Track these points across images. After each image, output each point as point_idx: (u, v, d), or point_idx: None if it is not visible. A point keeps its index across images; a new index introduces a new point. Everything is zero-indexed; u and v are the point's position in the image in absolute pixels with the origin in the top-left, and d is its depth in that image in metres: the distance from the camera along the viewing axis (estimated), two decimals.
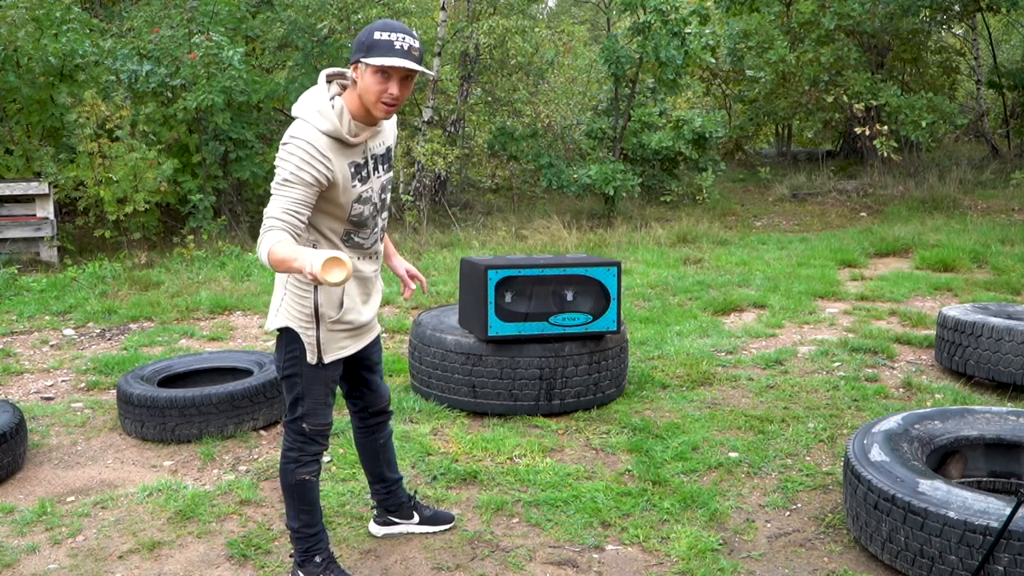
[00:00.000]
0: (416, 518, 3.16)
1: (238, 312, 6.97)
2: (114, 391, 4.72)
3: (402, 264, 3.01)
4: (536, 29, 12.84)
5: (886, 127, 12.79)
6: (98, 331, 6.41)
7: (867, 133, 12.64)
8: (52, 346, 6.01)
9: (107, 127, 9.28)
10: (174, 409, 4.02)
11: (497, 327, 4.17)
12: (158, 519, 3.31)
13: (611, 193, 11.40)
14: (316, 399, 2.66)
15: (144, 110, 9.85)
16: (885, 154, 12.77)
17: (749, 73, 15.78)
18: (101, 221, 9.55)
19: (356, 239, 2.60)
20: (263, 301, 7.21)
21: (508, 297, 4.23)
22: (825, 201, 13.11)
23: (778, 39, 14.03)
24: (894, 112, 12.96)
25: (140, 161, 9.16)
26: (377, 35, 2.35)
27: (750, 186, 14.92)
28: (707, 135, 12.56)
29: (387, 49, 2.33)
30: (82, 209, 9.64)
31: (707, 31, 12.05)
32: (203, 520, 3.29)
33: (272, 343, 6.02)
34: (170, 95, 10.35)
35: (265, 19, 12.10)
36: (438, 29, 12.30)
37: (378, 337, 2.90)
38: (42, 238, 9.27)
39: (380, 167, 2.61)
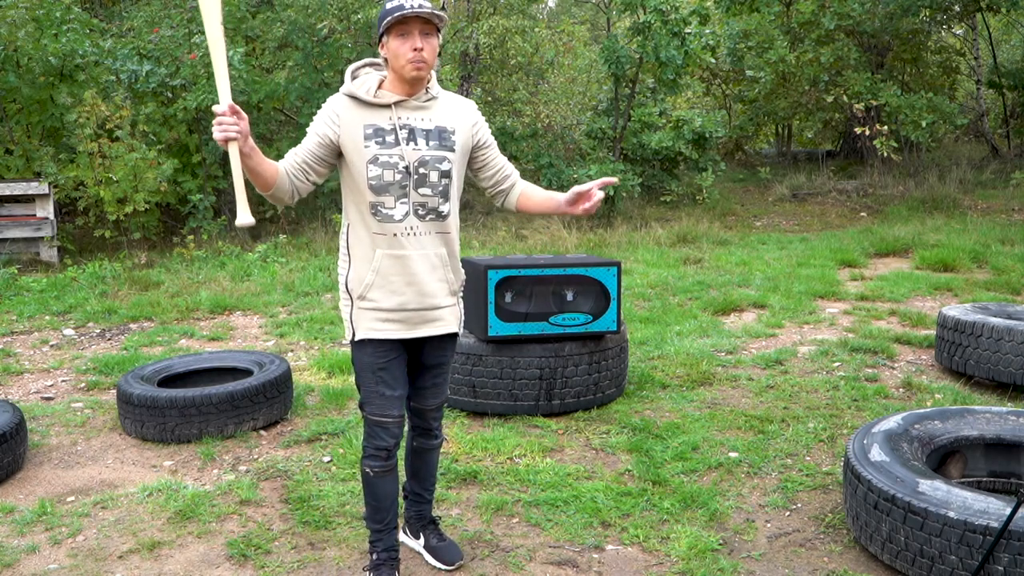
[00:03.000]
0: (422, 540, 3.01)
1: (238, 312, 6.97)
2: (114, 391, 4.73)
3: (569, 193, 2.72)
4: (536, 29, 12.84)
5: (886, 127, 12.80)
6: (98, 331, 6.41)
7: (867, 133, 12.65)
8: (52, 346, 6.01)
9: (107, 127, 9.28)
10: (174, 409, 4.02)
11: (497, 327, 4.17)
12: (158, 519, 3.31)
13: (611, 193, 11.41)
14: (367, 386, 2.66)
15: (144, 110, 9.86)
16: (885, 154, 12.77)
17: (749, 73, 15.78)
18: (101, 221, 9.55)
19: (384, 211, 2.57)
20: (263, 301, 7.22)
21: (508, 297, 4.23)
22: (825, 201, 13.11)
23: (778, 39, 14.03)
24: (894, 112, 12.97)
25: (140, 161, 9.16)
26: (388, 4, 2.50)
27: (750, 186, 14.92)
28: (707, 135, 12.56)
29: (398, 9, 2.46)
30: (82, 209, 9.65)
31: (707, 31, 12.05)
32: (203, 520, 3.29)
33: (271, 344, 6.03)
34: (170, 95, 10.35)
35: (265, 19, 12.10)
36: None
37: (446, 338, 2.76)
38: (42, 238, 9.28)
39: (420, 140, 2.58)
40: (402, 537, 3.05)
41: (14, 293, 7.60)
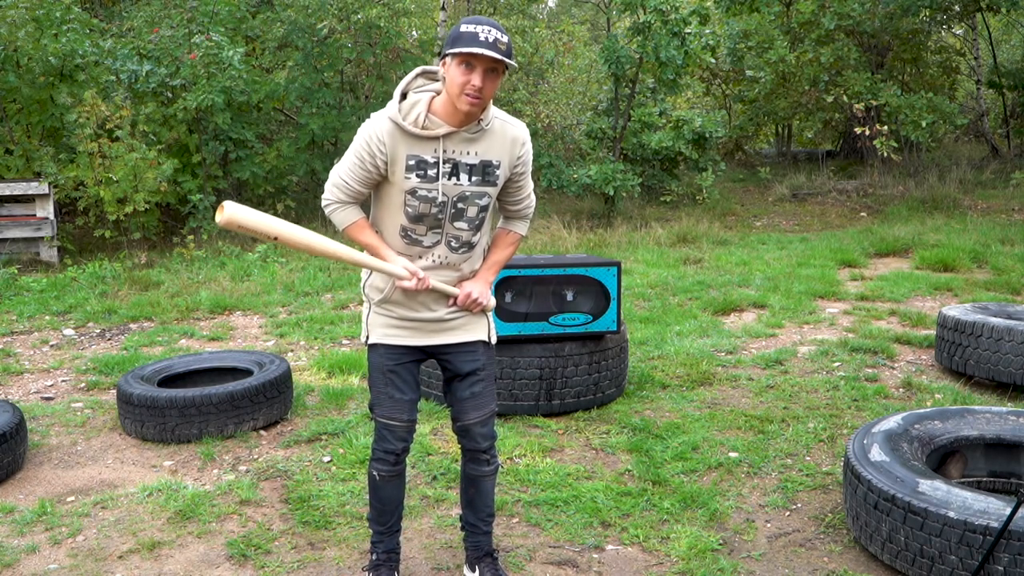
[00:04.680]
0: (477, 574, 2.83)
1: (238, 312, 6.97)
2: (114, 391, 4.72)
3: (471, 285, 2.66)
4: (536, 29, 12.84)
5: (886, 127, 12.79)
6: (98, 331, 6.41)
7: (867, 133, 12.64)
8: (52, 346, 6.01)
9: (107, 127, 9.28)
10: (174, 409, 4.02)
11: (497, 327, 4.16)
12: (158, 519, 3.31)
13: (611, 193, 11.41)
14: (377, 387, 2.66)
15: (144, 110, 9.86)
16: (885, 154, 12.77)
17: (749, 73, 15.78)
18: (101, 221, 9.55)
19: (413, 236, 2.56)
20: (263, 301, 7.22)
21: (508, 297, 4.23)
22: (825, 201, 13.11)
23: (778, 39, 14.03)
24: (894, 112, 12.96)
25: (140, 161, 9.16)
26: (464, 27, 2.37)
27: (750, 186, 14.92)
28: (707, 135, 12.56)
29: (471, 40, 2.33)
30: (82, 209, 9.64)
31: (707, 31, 12.05)
32: (203, 520, 3.29)
33: (271, 344, 6.03)
34: (170, 95, 10.35)
35: (265, 19, 12.10)
36: (438, 29, 12.30)
37: (471, 344, 2.68)
38: (42, 238, 9.27)
39: (462, 175, 2.50)
40: (465, 571, 2.91)
41: (14, 293, 7.60)
